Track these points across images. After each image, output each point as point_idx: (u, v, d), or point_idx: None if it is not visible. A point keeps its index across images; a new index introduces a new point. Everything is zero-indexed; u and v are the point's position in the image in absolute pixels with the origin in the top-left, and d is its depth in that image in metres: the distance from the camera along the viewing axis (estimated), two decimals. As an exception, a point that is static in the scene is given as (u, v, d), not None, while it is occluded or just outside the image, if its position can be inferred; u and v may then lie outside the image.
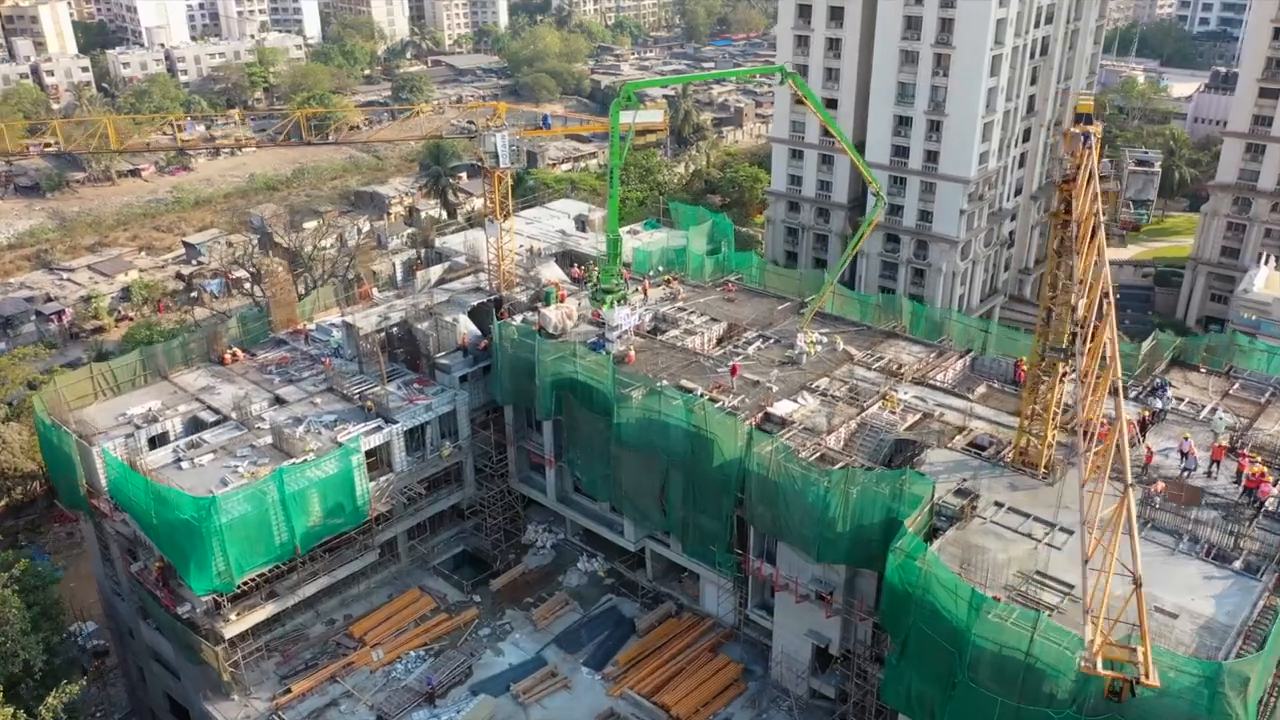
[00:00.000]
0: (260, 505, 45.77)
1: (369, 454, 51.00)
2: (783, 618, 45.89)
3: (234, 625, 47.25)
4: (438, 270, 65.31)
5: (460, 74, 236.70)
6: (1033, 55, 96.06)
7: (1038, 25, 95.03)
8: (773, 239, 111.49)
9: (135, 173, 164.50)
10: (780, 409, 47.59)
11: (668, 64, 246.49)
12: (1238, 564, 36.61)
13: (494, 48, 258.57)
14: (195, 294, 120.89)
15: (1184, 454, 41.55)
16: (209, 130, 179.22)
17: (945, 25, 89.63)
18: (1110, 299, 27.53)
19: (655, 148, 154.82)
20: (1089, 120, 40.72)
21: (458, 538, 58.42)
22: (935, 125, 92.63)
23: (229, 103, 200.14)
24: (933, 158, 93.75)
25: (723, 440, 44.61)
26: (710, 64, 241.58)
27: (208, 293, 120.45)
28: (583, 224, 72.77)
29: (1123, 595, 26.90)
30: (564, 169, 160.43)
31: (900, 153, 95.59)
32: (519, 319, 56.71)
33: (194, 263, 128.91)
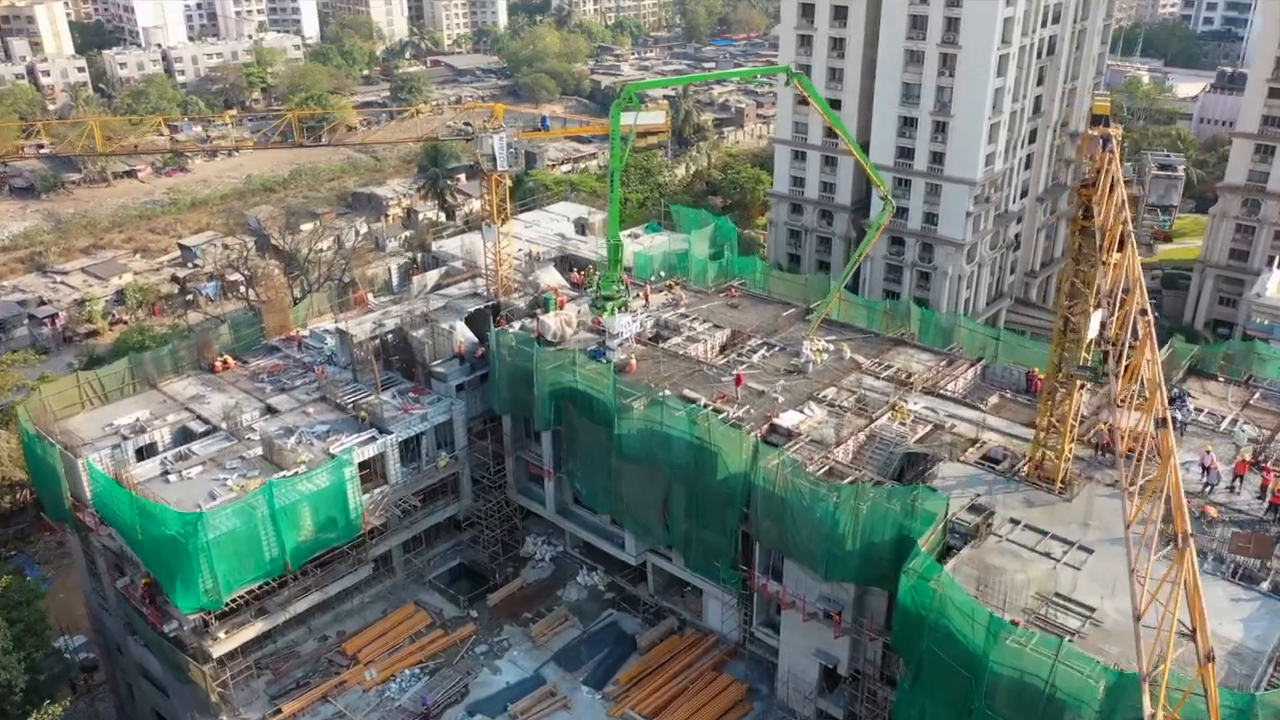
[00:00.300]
0: (249, 520, 44.31)
1: (362, 466, 49.62)
2: (789, 636, 44.40)
3: (222, 644, 45.79)
4: (434, 275, 63.84)
5: (459, 74, 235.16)
6: (1039, 55, 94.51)
7: (1044, 25, 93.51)
8: (775, 241, 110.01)
9: (131, 174, 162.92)
10: (786, 420, 46.12)
11: (668, 64, 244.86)
12: (1265, 585, 35.13)
13: (493, 48, 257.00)
14: (191, 297, 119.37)
15: (1205, 468, 40.07)
16: (206, 131, 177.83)
17: (951, 24, 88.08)
18: (1149, 317, 25.67)
19: (657, 149, 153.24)
20: (1105, 122, 39.47)
21: (454, 550, 56.96)
22: (941, 126, 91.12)
23: (226, 103, 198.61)
24: (938, 159, 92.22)
25: (727, 453, 43.18)
26: (711, 64, 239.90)
27: (203, 295, 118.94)
28: (582, 227, 71.35)
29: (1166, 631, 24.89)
30: (564, 170, 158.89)
31: (905, 154, 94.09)
32: (517, 326, 55.24)
33: (189, 265, 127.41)
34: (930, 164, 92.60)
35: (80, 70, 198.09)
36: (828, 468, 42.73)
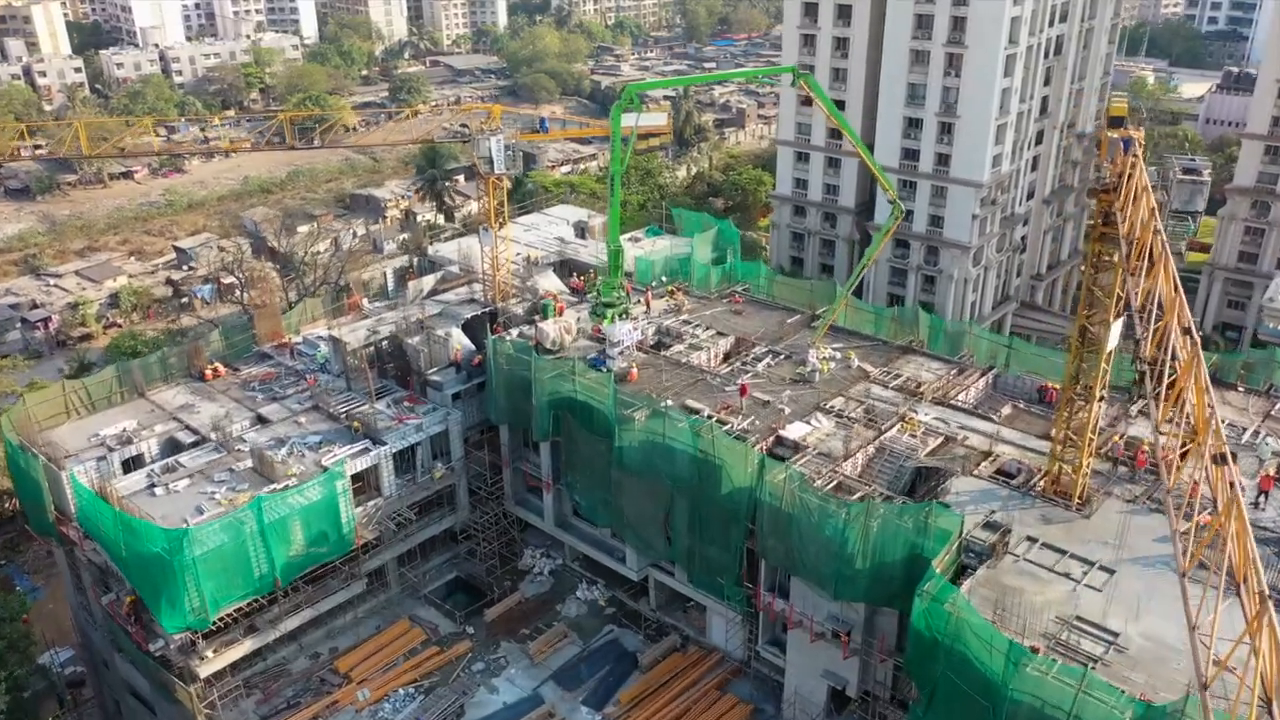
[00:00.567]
0: (238, 536, 42.87)
1: (355, 478, 48.18)
2: (796, 656, 42.91)
3: (210, 663, 44.36)
4: (430, 280, 62.36)
5: (458, 74, 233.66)
6: (1046, 55, 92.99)
7: (1051, 24, 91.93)
8: (777, 244, 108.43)
9: (128, 175, 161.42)
10: (793, 432, 44.63)
11: (668, 64, 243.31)
12: (1295, 608, 33.59)
13: (493, 48, 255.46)
14: (186, 299, 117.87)
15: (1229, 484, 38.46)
16: (203, 132, 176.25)
17: (957, 24, 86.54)
18: (1194, 337, 23.89)
19: (658, 151, 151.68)
20: (1123, 124, 37.87)
21: (450, 564, 55.51)
22: (947, 127, 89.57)
23: (224, 104, 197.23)
24: (944, 161, 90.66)
25: (732, 467, 41.70)
26: (712, 64, 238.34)
27: (199, 298, 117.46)
28: (582, 231, 69.86)
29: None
30: (563, 171, 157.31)
31: (910, 156, 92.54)
32: (515, 333, 53.77)
33: (185, 268, 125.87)
34: (936, 166, 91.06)
35: (77, 71, 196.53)
36: (836, 482, 41.26)
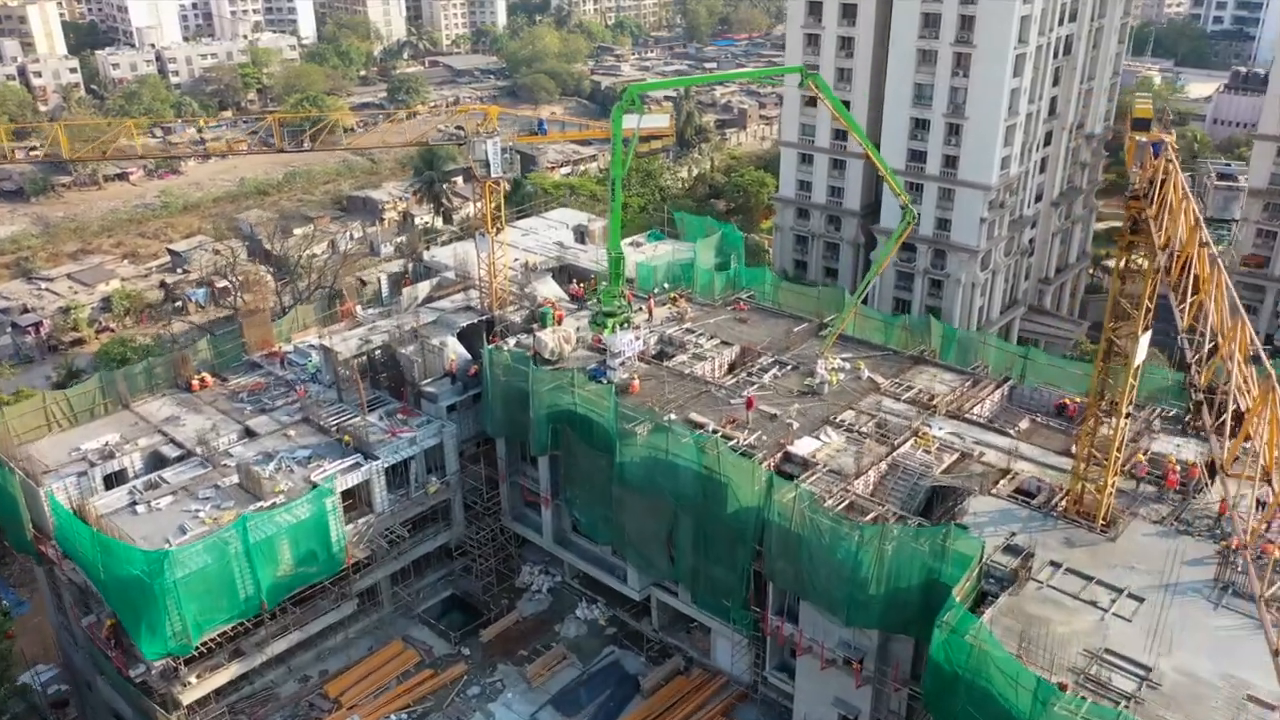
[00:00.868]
0: (222, 557, 41.01)
1: (346, 494, 46.36)
2: (805, 683, 41.05)
3: (193, 690, 42.55)
4: (425, 287, 60.51)
5: (458, 75, 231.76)
6: (1055, 54, 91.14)
7: (1061, 23, 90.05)
8: (781, 247, 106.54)
9: (123, 176, 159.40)
10: (801, 448, 42.75)
11: (669, 64, 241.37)
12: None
13: (492, 48, 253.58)
14: (180, 303, 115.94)
15: (1263, 504, 36.60)
16: (200, 133, 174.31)
17: (965, 23, 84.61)
18: (1269, 369, 21.66)
19: (660, 154, 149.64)
20: (1147, 126, 35.99)
21: (445, 581, 53.67)
22: (954, 128, 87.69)
23: (221, 104, 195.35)
24: (951, 163, 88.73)
25: (738, 485, 39.86)
26: (712, 64, 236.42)
27: (193, 302, 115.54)
28: (582, 235, 67.98)
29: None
30: (563, 172, 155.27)
31: (917, 157, 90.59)
32: (512, 342, 51.87)
33: (179, 271, 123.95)
34: (943, 168, 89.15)
35: (73, 71, 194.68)
36: (847, 502, 39.37)
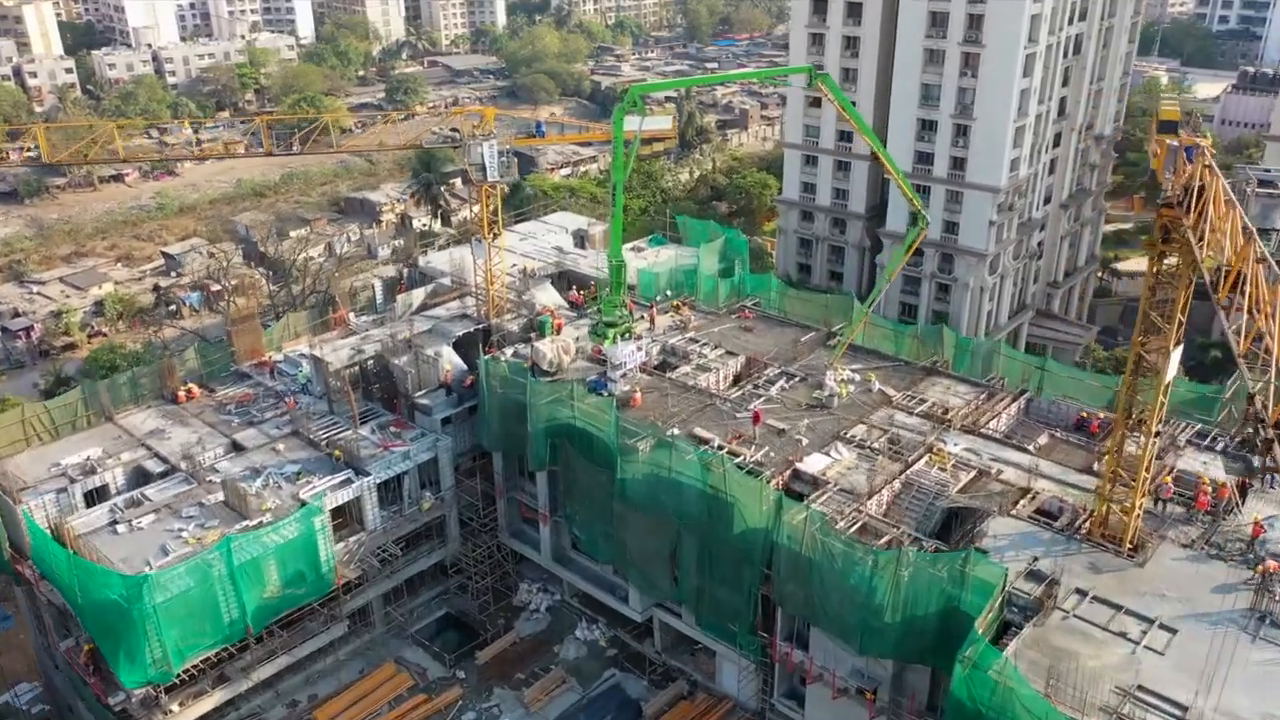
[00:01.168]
0: (205, 580, 39.19)
1: (336, 511, 44.53)
2: (816, 712, 39.24)
3: (175, 718, 40.61)
4: (420, 294, 58.69)
5: (457, 75, 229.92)
6: (1065, 54, 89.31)
7: (1071, 22, 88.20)
8: (784, 251, 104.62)
9: (118, 178, 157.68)
10: (811, 465, 40.92)
11: (669, 64, 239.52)
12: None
13: (492, 48, 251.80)
14: (174, 307, 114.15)
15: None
16: (196, 134, 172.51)
17: (974, 22, 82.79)
18: None
19: (662, 155, 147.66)
20: (1175, 129, 34.31)
21: (440, 599, 51.82)
22: (962, 130, 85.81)
23: (218, 105, 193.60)
24: (959, 165, 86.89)
25: (745, 505, 38.03)
26: (713, 64, 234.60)
27: (187, 305, 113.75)
28: (582, 240, 66.14)
29: None
30: (563, 174, 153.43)
31: (924, 159, 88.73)
32: (509, 353, 50.05)
33: (173, 274, 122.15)
34: (951, 170, 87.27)
35: (69, 71, 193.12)
36: (860, 523, 37.54)
